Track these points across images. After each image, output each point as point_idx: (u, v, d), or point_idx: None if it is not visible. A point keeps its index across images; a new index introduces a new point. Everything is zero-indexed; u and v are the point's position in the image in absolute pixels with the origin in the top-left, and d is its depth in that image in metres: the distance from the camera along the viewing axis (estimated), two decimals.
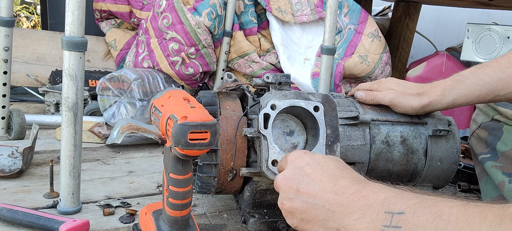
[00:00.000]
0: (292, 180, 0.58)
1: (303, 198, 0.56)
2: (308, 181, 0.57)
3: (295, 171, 0.59)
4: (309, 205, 0.55)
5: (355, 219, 0.50)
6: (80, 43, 0.77)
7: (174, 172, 0.63)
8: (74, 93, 0.78)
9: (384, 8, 2.50)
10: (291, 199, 0.58)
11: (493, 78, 0.77)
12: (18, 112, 1.28)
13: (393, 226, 0.46)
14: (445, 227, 0.41)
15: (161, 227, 0.67)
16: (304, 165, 0.59)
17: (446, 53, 1.75)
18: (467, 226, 0.40)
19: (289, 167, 0.60)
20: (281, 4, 1.77)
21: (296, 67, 1.75)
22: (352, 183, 0.54)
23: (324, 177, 0.56)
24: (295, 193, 0.57)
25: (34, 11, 4.01)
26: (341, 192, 0.53)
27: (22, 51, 1.86)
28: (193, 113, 0.58)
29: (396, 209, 0.46)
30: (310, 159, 0.59)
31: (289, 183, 0.59)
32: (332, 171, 0.57)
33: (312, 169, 0.58)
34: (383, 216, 0.47)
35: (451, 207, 0.42)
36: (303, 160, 0.60)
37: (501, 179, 0.87)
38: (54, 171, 0.91)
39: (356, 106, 0.85)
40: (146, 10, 1.85)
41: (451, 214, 0.41)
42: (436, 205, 0.44)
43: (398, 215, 0.46)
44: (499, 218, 0.38)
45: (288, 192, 0.58)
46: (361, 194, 0.51)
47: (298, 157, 0.61)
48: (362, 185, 0.53)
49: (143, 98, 1.48)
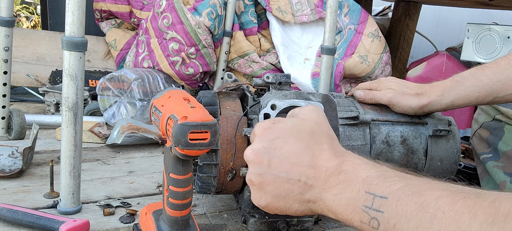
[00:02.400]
0: (263, 154, 0.53)
1: (275, 172, 0.52)
2: (280, 154, 0.52)
3: (266, 143, 0.54)
4: (282, 179, 0.52)
5: (334, 194, 0.48)
6: (80, 43, 0.77)
7: (174, 172, 0.63)
8: (74, 93, 0.78)
9: (384, 8, 2.50)
10: (261, 174, 0.53)
11: (492, 79, 0.77)
12: (18, 112, 1.28)
13: (374, 209, 0.44)
14: (430, 221, 0.39)
15: (161, 227, 0.67)
16: (275, 137, 0.54)
17: (446, 53, 1.75)
18: (454, 224, 0.38)
19: (259, 139, 0.55)
20: (281, 4, 1.77)
21: (296, 67, 1.75)
22: (330, 155, 0.51)
23: (299, 148, 0.52)
24: (266, 167, 0.53)
25: (34, 11, 4.01)
26: (319, 165, 0.50)
27: (22, 51, 1.86)
28: (193, 113, 0.58)
29: (378, 192, 0.45)
30: (281, 129, 0.54)
31: (259, 158, 0.53)
32: (306, 141, 0.53)
33: (283, 141, 0.53)
34: (364, 195, 0.46)
35: (437, 198, 0.40)
36: (274, 132, 0.54)
37: (502, 178, 0.87)
38: (54, 171, 0.91)
39: (356, 106, 0.85)
40: (146, 10, 1.85)
41: (438, 207, 0.39)
42: (421, 194, 0.42)
43: (381, 199, 0.44)
44: (491, 218, 0.36)
45: (258, 167, 0.54)
46: (341, 168, 0.49)
47: (267, 128, 0.55)
48: (340, 160, 0.50)
49: (143, 99, 1.48)
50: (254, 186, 0.55)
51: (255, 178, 0.54)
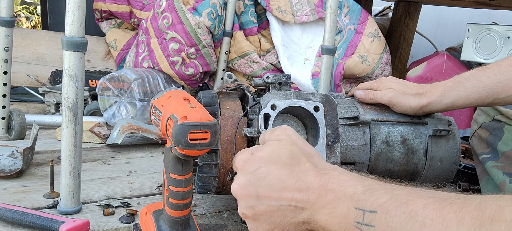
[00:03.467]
0: (249, 187, 0.54)
1: (265, 202, 0.53)
2: (266, 184, 0.53)
3: (249, 176, 0.54)
4: (274, 208, 0.52)
5: (326, 214, 0.49)
6: (80, 43, 0.77)
7: (174, 172, 0.63)
8: (74, 93, 0.78)
9: (384, 8, 2.50)
10: (252, 206, 0.54)
11: (493, 80, 0.77)
12: (18, 112, 1.28)
13: (366, 224, 0.45)
14: (420, 230, 0.40)
15: (161, 227, 0.67)
16: (256, 168, 0.54)
17: (446, 53, 1.75)
18: (443, 230, 0.38)
19: (241, 173, 0.55)
20: (281, 4, 1.77)
21: (296, 67, 1.75)
22: (315, 175, 0.51)
23: (282, 174, 0.52)
24: (256, 200, 0.53)
25: (34, 11, 4.01)
26: (305, 188, 0.51)
27: (22, 51, 1.86)
28: (193, 113, 0.58)
29: (367, 207, 0.45)
30: (261, 159, 0.54)
31: (246, 191, 0.54)
32: (288, 164, 0.53)
33: (266, 170, 0.53)
34: (354, 212, 0.46)
35: (424, 206, 0.41)
36: (254, 162, 0.54)
37: (502, 179, 0.87)
38: (54, 171, 0.91)
39: (356, 106, 0.85)
40: (146, 10, 1.85)
41: (426, 215, 0.40)
42: (408, 203, 0.42)
43: (370, 213, 0.45)
44: (478, 221, 0.37)
45: (247, 200, 0.54)
46: (327, 188, 0.49)
47: (247, 160, 0.55)
48: (325, 177, 0.51)
49: (143, 99, 1.48)
50: (248, 219, 0.55)
51: (247, 211, 0.55)
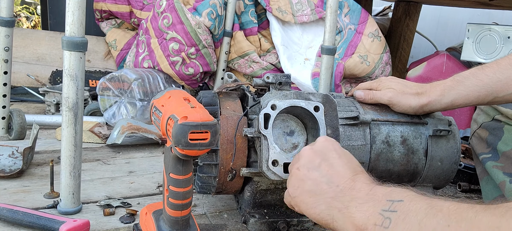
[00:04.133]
0: (319, 154, 0.62)
1: (322, 172, 0.60)
2: (332, 162, 0.61)
3: (324, 149, 0.63)
4: (324, 180, 0.59)
5: (359, 203, 0.54)
6: (80, 43, 0.77)
7: (174, 172, 0.63)
8: (74, 93, 0.78)
9: (385, 8, 2.50)
10: (309, 168, 0.61)
11: (492, 79, 0.77)
12: (18, 112, 1.28)
13: (390, 211, 0.49)
14: (435, 213, 0.44)
15: (161, 227, 0.67)
16: (332, 149, 0.63)
17: (446, 53, 1.75)
18: (455, 213, 0.43)
19: (320, 144, 0.64)
20: (281, 4, 1.77)
21: (296, 67, 1.75)
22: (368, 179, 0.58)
23: (347, 166, 0.60)
24: (316, 166, 0.61)
25: (34, 11, 4.01)
26: (357, 181, 0.57)
27: (23, 51, 1.86)
28: (194, 113, 0.58)
29: (396, 197, 0.50)
30: (339, 148, 0.64)
31: (314, 155, 0.62)
32: (354, 165, 0.61)
33: (338, 156, 0.62)
34: (384, 202, 0.51)
35: (445, 200, 0.46)
36: (333, 146, 0.64)
37: (502, 179, 0.87)
38: (55, 171, 0.91)
39: (356, 106, 0.85)
40: (147, 10, 1.85)
41: (444, 205, 0.45)
42: (433, 199, 0.48)
43: (397, 202, 0.50)
44: (484, 208, 0.41)
45: (309, 162, 0.62)
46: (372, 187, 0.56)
47: (329, 141, 0.65)
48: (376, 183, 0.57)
49: (144, 99, 1.48)
50: (297, 175, 0.63)
51: (303, 169, 0.62)
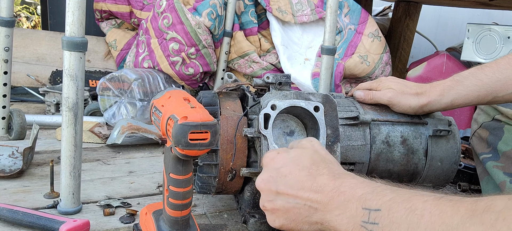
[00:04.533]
0: (271, 183, 0.60)
1: (284, 198, 0.58)
2: (285, 182, 0.58)
3: (272, 172, 0.60)
4: (290, 205, 0.57)
5: (336, 215, 0.52)
6: (80, 44, 0.77)
7: (174, 172, 0.63)
8: (74, 93, 0.78)
9: (385, 8, 2.50)
10: (272, 200, 0.59)
11: (491, 79, 0.77)
12: (18, 112, 1.28)
13: (371, 223, 0.48)
14: (418, 222, 0.43)
15: (161, 227, 0.67)
16: (280, 166, 0.60)
17: (446, 53, 1.75)
18: (439, 219, 0.41)
19: (266, 169, 0.62)
20: (281, 4, 1.77)
21: (296, 67, 1.75)
22: (330, 179, 0.55)
23: (301, 175, 0.57)
24: (275, 195, 0.59)
25: (34, 11, 4.01)
26: (320, 189, 0.55)
27: (23, 51, 1.86)
28: (194, 113, 0.58)
29: (372, 206, 0.49)
30: (285, 159, 0.60)
31: (268, 186, 0.60)
32: (308, 168, 0.58)
33: (288, 169, 0.59)
34: (361, 212, 0.49)
35: (424, 201, 0.44)
36: (278, 162, 0.61)
37: (502, 179, 0.87)
38: (55, 171, 0.91)
39: (356, 106, 0.85)
40: (147, 10, 1.85)
41: (425, 208, 0.43)
42: (410, 200, 0.46)
43: (375, 212, 0.48)
44: (470, 212, 0.39)
45: (268, 194, 0.60)
46: (340, 190, 0.53)
47: (273, 159, 0.62)
48: (339, 181, 0.54)
49: (144, 99, 1.48)
50: (267, 211, 0.61)
51: (267, 204, 0.60)
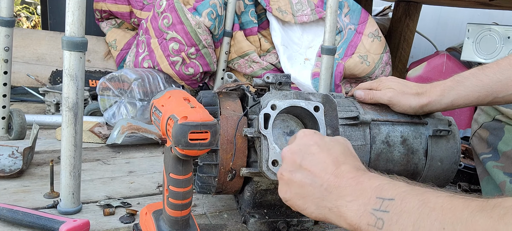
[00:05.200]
0: (297, 154, 0.60)
1: (304, 173, 0.58)
2: (311, 159, 0.58)
3: (302, 147, 0.60)
4: (308, 181, 0.57)
5: (348, 201, 0.52)
6: (80, 43, 0.77)
7: (174, 172, 0.63)
8: (74, 93, 0.78)
9: (385, 8, 2.50)
10: (291, 171, 0.59)
11: (492, 79, 0.77)
12: (18, 112, 1.28)
13: (382, 210, 0.48)
14: (429, 213, 0.43)
15: (161, 227, 0.67)
16: (312, 143, 0.60)
17: (446, 53, 1.75)
18: (450, 212, 0.42)
19: (297, 142, 0.62)
20: (281, 4, 1.77)
21: (296, 67, 1.75)
22: (352, 169, 0.56)
23: (328, 159, 0.58)
24: (297, 167, 0.59)
25: (34, 11, 4.01)
26: (341, 175, 0.55)
27: (23, 51, 1.86)
28: (194, 113, 0.58)
29: (387, 195, 0.49)
30: (319, 139, 0.61)
31: (293, 157, 0.60)
32: (336, 155, 0.58)
33: (318, 149, 0.59)
34: (374, 200, 0.50)
35: (437, 196, 0.45)
36: (312, 139, 0.61)
37: (502, 179, 0.87)
38: (55, 171, 0.91)
39: (356, 106, 0.85)
40: (147, 10, 1.85)
41: (437, 202, 0.44)
42: (424, 194, 0.46)
43: (388, 201, 0.48)
44: (480, 208, 0.40)
45: (290, 165, 0.60)
46: (358, 180, 0.54)
47: (308, 135, 0.62)
48: (361, 172, 0.55)
49: (144, 99, 1.48)
50: (283, 180, 0.61)
51: (286, 174, 0.60)
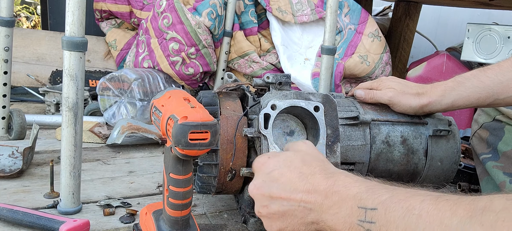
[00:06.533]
0: (264, 188, 0.59)
1: (278, 202, 0.58)
2: (278, 186, 0.58)
3: (264, 177, 0.60)
4: (285, 208, 0.57)
5: (332, 215, 0.52)
6: (80, 43, 0.77)
7: (174, 172, 0.63)
8: (74, 93, 0.78)
9: (385, 8, 2.50)
10: (266, 206, 0.59)
11: (493, 81, 0.77)
12: (18, 112, 1.28)
13: (367, 221, 0.48)
14: (416, 222, 0.42)
15: (161, 227, 0.67)
16: (271, 170, 0.60)
17: (446, 53, 1.75)
18: (437, 220, 0.41)
19: (258, 174, 0.62)
20: (281, 4, 1.77)
21: (296, 67, 1.75)
22: (322, 178, 0.55)
23: (293, 177, 0.57)
24: (269, 200, 0.58)
25: (34, 11, 4.01)
26: (313, 190, 0.55)
27: (23, 51, 1.86)
28: (194, 113, 0.58)
29: (368, 205, 0.48)
30: (276, 162, 0.60)
31: (261, 191, 0.59)
32: (299, 169, 0.58)
33: (279, 173, 0.59)
34: (357, 211, 0.49)
35: (422, 201, 0.44)
36: (269, 165, 0.60)
37: (502, 179, 0.87)
38: (55, 171, 0.91)
39: (356, 106, 0.85)
40: (147, 10, 1.85)
41: (422, 208, 0.43)
42: (407, 199, 0.45)
43: (371, 211, 0.48)
44: (469, 213, 0.39)
45: (262, 200, 0.59)
46: (333, 189, 0.53)
47: (263, 163, 0.61)
48: (332, 180, 0.54)
49: (144, 99, 1.48)
50: (263, 217, 0.61)
51: (262, 210, 0.60)
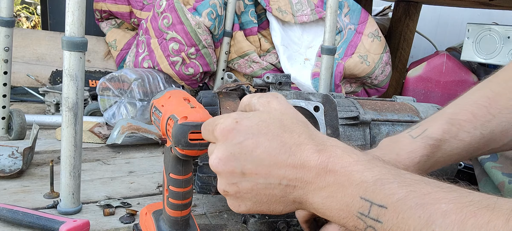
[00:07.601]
0: (233, 162, 0.45)
1: (251, 179, 0.45)
2: (253, 159, 0.45)
3: (233, 149, 0.45)
4: (261, 186, 0.45)
5: (324, 197, 0.43)
6: (80, 44, 0.77)
7: (174, 172, 0.63)
8: (74, 93, 0.78)
9: (384, 8, 2.51)
10: (236, 183, 0.46)
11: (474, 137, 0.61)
12: (18, 112, 1.28)
13: (372, 218, 0.40)
14: None
15: (161, 227, 0.67)
16: (242, 139, 0.45)
17: (446, 53, 1.75)
18: None
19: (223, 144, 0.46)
20: (281, 4, 1.77)
21: (296, 67, 1.75)
22: (312, 151, 0.44)
23: (273, 148, 0.44)
24: (241, 176, 0.46)
25: (34, 11, 4.01)
26: (300, 165, 0.44)
27: (22, 51, 1.86)
28: (194, 113, 0.58)
29: (376, 200, 0.40)
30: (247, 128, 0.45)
31: (229, 167, 0.46)
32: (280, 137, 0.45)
33: (254, 142, 0.45)
34: (359, 201, 0.41)
35: (444, 214, 0.35)
36: (240, 133, 0.45)
37: (501, 179, 0.87)
38: (55, 171, 0.91)
39: (356, 106, 0.85)
40: (146, 10, 1.85)
41: (445, 227, 0.35)
42: (426, 206, 0.37)
43: (379, 208, 0.39)
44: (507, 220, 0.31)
45: (230, 177, 0.46)
46: (328, 168, 0.43)
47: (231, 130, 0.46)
48: (325, 156, 0.44)
49: (144, 99, 1.48)
50: (230, 196, 0.48)
51: (229, 189, 0.47)
